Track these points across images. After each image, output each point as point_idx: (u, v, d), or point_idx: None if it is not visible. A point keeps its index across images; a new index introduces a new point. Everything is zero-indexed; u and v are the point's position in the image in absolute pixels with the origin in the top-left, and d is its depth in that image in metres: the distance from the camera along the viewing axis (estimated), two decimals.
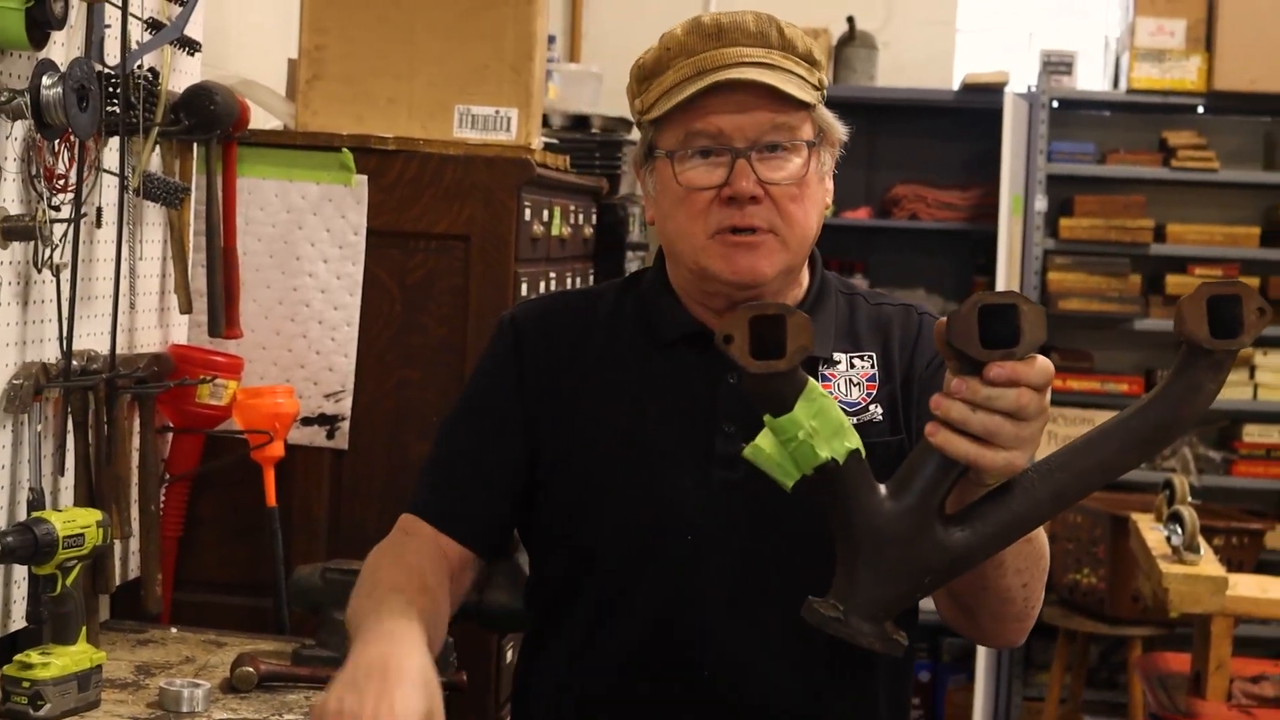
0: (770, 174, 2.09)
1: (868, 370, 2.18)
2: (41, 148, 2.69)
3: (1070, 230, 6.22)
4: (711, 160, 2.09)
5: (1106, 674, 6.37)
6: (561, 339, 2.24)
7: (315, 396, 3.33)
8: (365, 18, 3.39)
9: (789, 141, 2.10)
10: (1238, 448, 6.25)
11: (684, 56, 2.11)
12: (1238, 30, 6.03)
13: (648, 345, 2.20)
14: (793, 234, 2.10)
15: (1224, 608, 3.84)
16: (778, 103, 2.09)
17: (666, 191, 2.14)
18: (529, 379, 2.23)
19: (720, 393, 2.14)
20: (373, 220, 3.30)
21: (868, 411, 2.15)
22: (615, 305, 2.27)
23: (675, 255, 2.18)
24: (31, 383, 2.69)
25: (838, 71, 6.35)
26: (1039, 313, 1.71)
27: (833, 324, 2.21)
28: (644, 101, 2.15)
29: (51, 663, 2.46)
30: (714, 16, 2.14)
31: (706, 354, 2.14)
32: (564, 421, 2.20)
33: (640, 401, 2.17)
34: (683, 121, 2.10)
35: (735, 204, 2.07)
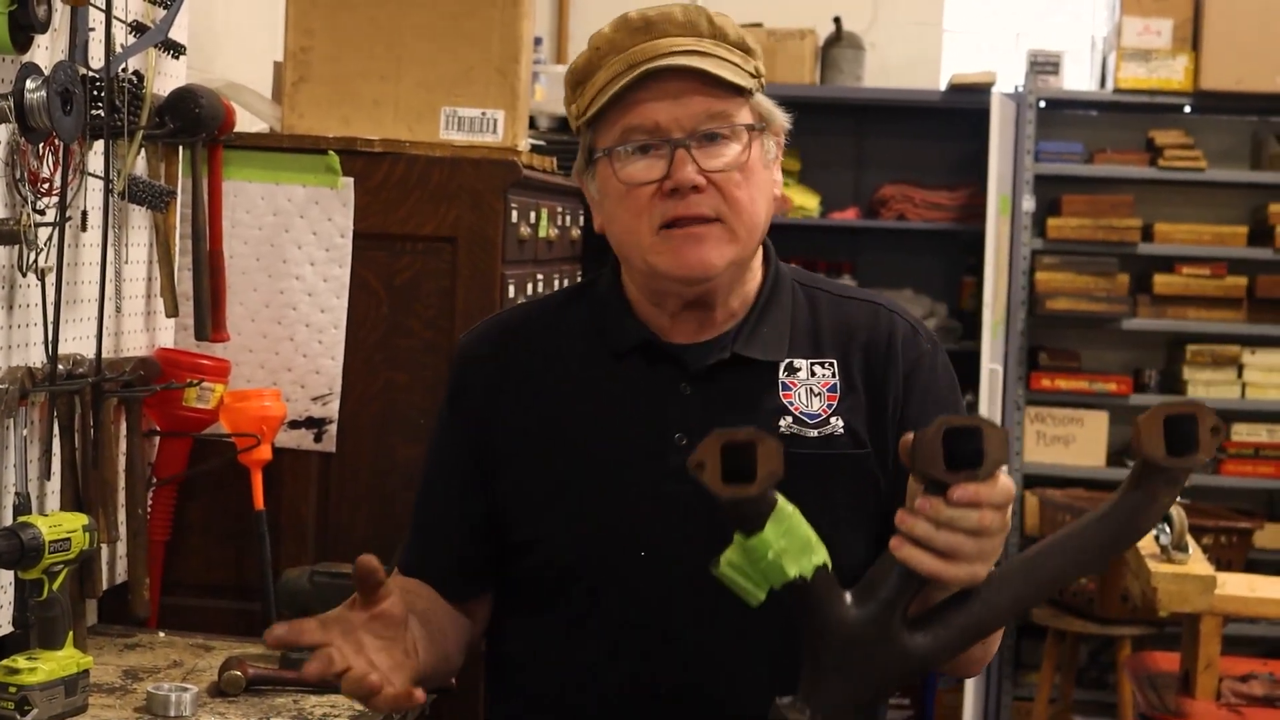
0: (711, 162, 2.05)
1: (829, 379, 2.13)
2: (26, 151, 2.68)
3: (1058, 230, 6.22)
4: (651, 155, 2.05)
5: (1096, 673, 6.38)
6: (511, 361, 2.20)
7: (302, 399, 3.32)
8: (351, 20, 3.38)
9: (727, 128, 2.07)
10: (1226, 447, 6.26)
11: (614, 54, 2.07)
12: (1224, 30, 6.04)
13: (600, 356, 2.16)
14: (740, 221, 2.07)
15: (1213, 607, 3.84)
16: (712, 89, 2.06)
17: (609, 192, 2.10)
18: (477, 416, 2.19)
19: (672, 404, 2.11)
20: (359, 223, 3.30)
21: (828, 424, 2.11)
22: (565, 315, 2.23)
23: (625, 258, 2.14)
24: (17, 387, 2.69)
25: (825, 72, 6.35)
26: (1001, 435, 1.76)
27: (789, 324, 2.17)
28: (579, 105, 2.11)
29: (38, 668, 2.45)
30: (641, 11, 2.09)
31: (658, 364, 2.13)
32: (518, 437, 2.16)
33: (592, 414, 2.13)
34: (618, 118, 2.07)
35: (678, 195, 2.04)
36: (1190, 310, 6.24)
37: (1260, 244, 6.22)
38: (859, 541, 2.13)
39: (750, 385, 2.12)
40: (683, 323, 2.13)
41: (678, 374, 2.12)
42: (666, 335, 2.14)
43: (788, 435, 2.09)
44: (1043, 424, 6.26)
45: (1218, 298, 6.22)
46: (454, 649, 2.17)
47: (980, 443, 1.75)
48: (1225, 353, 6.24)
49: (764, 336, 2.14)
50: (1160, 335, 6.43)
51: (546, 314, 2.25)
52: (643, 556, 2.08)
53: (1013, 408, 6.09)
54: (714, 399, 2.11)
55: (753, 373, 2.12)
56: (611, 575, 2.10)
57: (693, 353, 2.13)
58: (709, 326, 2.14)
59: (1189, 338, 6.29)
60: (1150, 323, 6.26)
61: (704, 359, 2.12)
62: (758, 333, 2.14)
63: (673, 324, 2.14)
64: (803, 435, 2.10)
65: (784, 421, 2.10)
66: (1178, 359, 6.32)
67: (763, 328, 2.14)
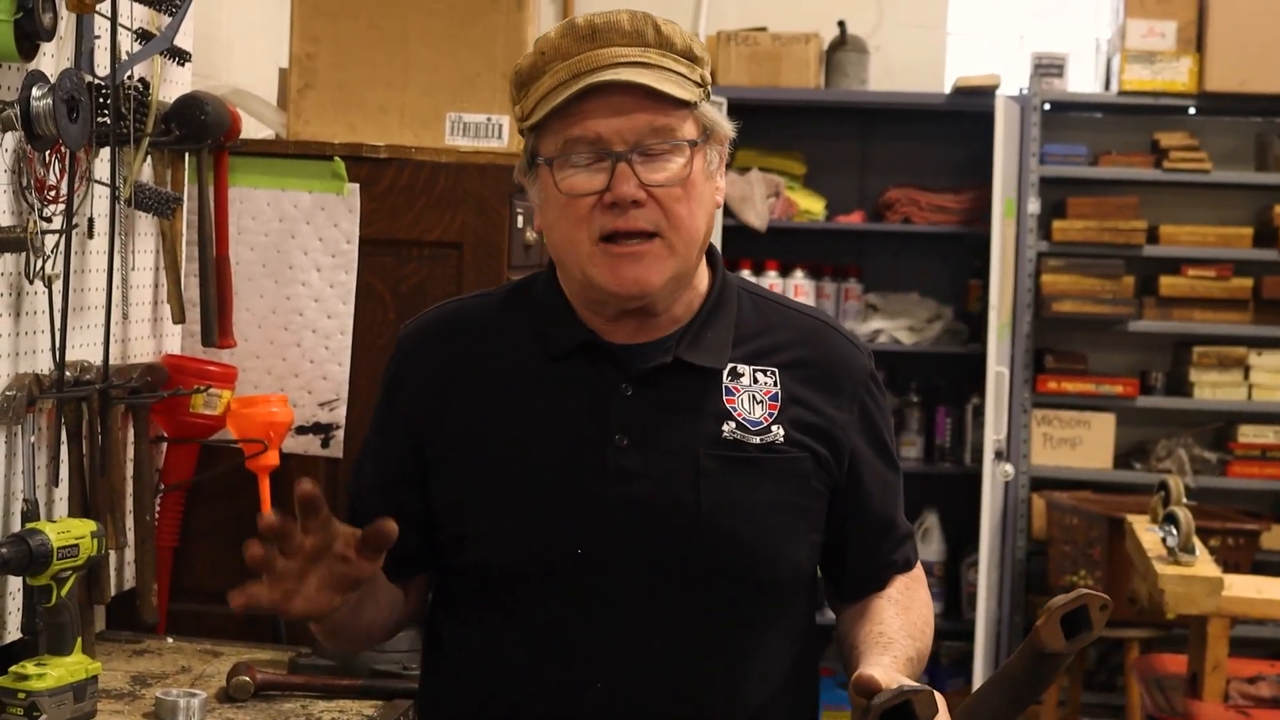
0: (652, 176, 2.05)
1: (770, 388, 2.14)
2: (32, 159, 2.69)
3: (1063, 232, 6.22)
4: (592, 166, 2.05)
5: (1104, 676, 6.37)
6: (452, 354, 2.20)
7: (309, 405, 3.32)
8: (356, 26, 3.39)
9: (670, 142, 2.06)
10: (1233, 448, 6.26)
11: (559, 60, 2.07)
12: (1228, 31, 6.04)
13: (540, 355, 2.15)
14: (679, 237, 2.06)
15: (1220, 608, 3.84)
16: (656, 103, 2.05)
17: (550, 200, 2.09)
18: (412, 406, 2.20)
19: (613, 404, 2.11)
20: (365, 229, 3.30)
21: (770, 432, 2.12)
22: (506, 313, 2.22)
23: (563, 264, 2.14)
24: (25, 394, 2.69)
25: (830, 76, 6.35)
26: (930, 699, 1.88)
27: (732, 332, 2.17)
28: (523, 108, 2.11)
29: (47, 674, 2.46)
30: (588, 17, 2.08)
31: (600, 365, 2.13)
32: (454, 435, 2.16)
33: (530, 413, 2.13)
34: (561, 128, 2.06)
35: (618, 209, 2.04)
36: (1196, 312, 6.24)
37: (1266, 245, 6.22)
38: (799, 548, 2.16)
39: (693, 389, 2.13)
40: (622, 325, 2.14)
41: (619, 374, 2.12)
42: (607, 336, 2.14)
43: (730, 440, 2.10)
44: (1049, 426, 6.26)
45: (1223, 299, 6.22)
46: (385, 616, 2.17)
47: (913, 712, 1.87)
48: (1231, 354, 6.23)
49: (708, 342, 2.14)
50: (1166, 337, 6.42)
51: (488, 311, 2.24)
52: (580, 554, 2.08)
53: (1019, 410, 6.09)
54: (656, 401, 2.11)
55: (696, 378, 2.13)
56: (547, 572, 2.10)
57: (634, 354, 2.13)
58: (650, 329, 2.14)
59: (1195, 339, 6.28)
60: (1156, 324, 6.25)
61: (646, 361, 2.12)
62: (701, 338, 2.14)
63: (611, 326, 2.14)
64: (745, 441, 2.11)
65: (727, 427, 2.11)
66: (1184, 361, 6.31)
67: (707, 333, 2.15)
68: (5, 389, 2.69)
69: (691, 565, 2.08)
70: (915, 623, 2.19)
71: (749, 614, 2.12)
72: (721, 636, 2.09)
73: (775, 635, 2.15)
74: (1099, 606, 2.02)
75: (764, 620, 2.13)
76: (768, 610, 2.14)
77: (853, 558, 2.23)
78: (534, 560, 2.10)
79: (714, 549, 2.07)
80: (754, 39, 6.27)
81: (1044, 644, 2.03)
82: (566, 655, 2.09)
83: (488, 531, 2.12)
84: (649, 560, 2.06)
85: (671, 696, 2.09)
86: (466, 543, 2.14)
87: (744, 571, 2.09)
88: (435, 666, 2.24)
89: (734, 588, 2.10)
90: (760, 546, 2.11)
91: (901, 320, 6.47)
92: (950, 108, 6.31)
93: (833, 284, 6.50)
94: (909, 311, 6.52)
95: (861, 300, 6.53)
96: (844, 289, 6.51)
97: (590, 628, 2.08)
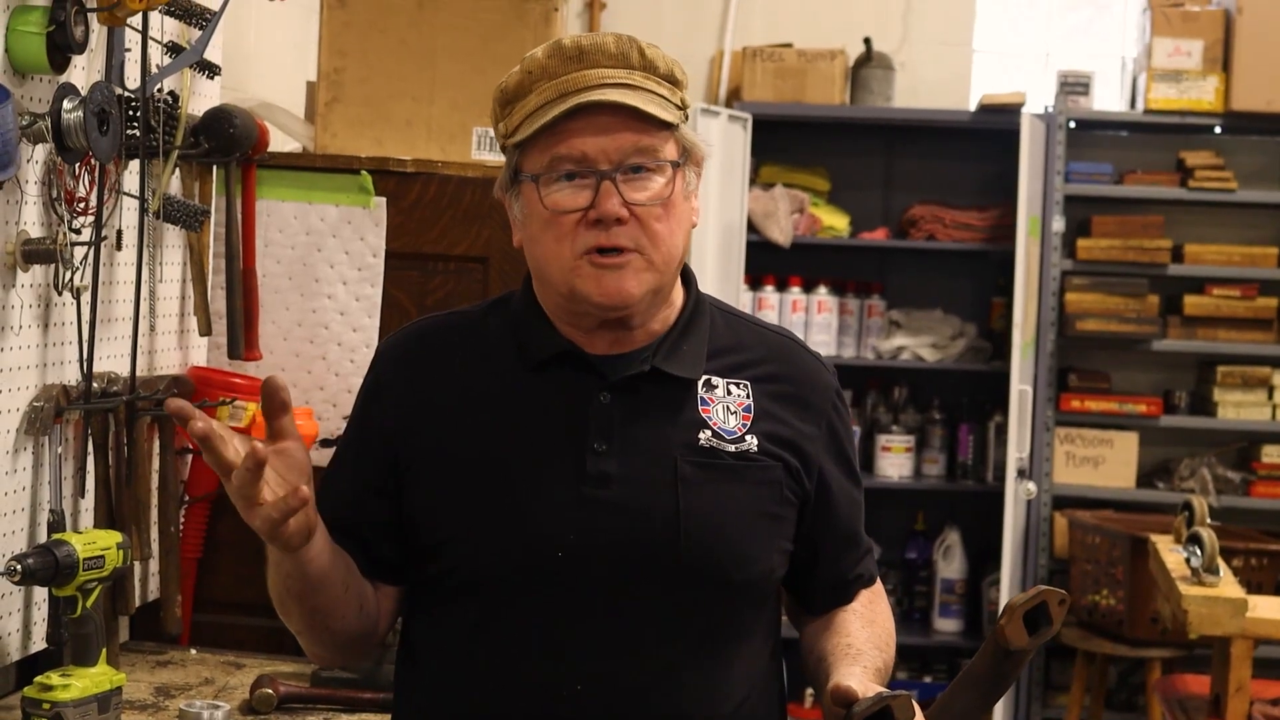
0: (635, 194, 2.09)
1: (743, 400, 2.19)
2: (62, 171, 2.70)
3: (1088, 251, 6.22)
4: (576, 183, 2.09)
5: (1126, 696, 6.36)
6: (430, 365, 2.23)
7: (334, 418, 3.33)
8: (384, 41, 3.40)
9: (653, 162, 2.11)
10: (1256, 469, 6.24)
11: (545, 79, 2.11)
12: (1255, 51, 6.03)
13: (518, 367, 2.19)
14: (658, 254, 2.11)
15: (1244, 629, 3.83)
16: (641, 124, 2.10)
17: (533, 215, 2.14)
18: (389, 413, 2.22)
19: (591, 411, 2.14)
20: (391, 242, 3.32)
21: (744, 441, 2.16)
22: (483, 327, 2.26)
23: (544, 278, 2.17)
24: (52, 405, 2.71)
25: (855, 93, 6.36)
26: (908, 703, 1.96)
27: (706, 346, 2.22)
28: (507, 125, 2.14)
29: (72, 684, 2.47)
30: (575, 39, 2.13)
31: (579, 374, 2.16)
32: (431, 446, 2.18)
33: (509, 422, 2.16)
34: (547, 145, 2.10)
35: (601, 225, 2.08)
36: (1220, 331, 6.22)
37: None
38: (773, 554, 2.20)
39: (670, 398, 2.17)
40: (599, 338, 2.17)
41: (597, 383, 2.15)
42: (586, 348, 2.17)
43: (706, 448, 2.14)
44: (1072, 445, 6.25)
45: (1248, 319, 6.20)
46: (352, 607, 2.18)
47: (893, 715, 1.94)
48: (1256, 374, 6.22)
49: (683, 354, 2.19)
50: (1190, 356, 6.41)
51: (466, 324, 2.28)
52: (559, 557, 2.10)
53: (1042, 429, 6.08)
54: (633, 409, 2.15)
55: (672, 388, 2.17)
56: (526, 575, 2.12)
57: (612, 363, 2.17)
58: (626, 342, 2.18)
59: (1219, 359, 6.27)
60: (1180, 344, 6.24)
61: (623, 370, 2.16)
62: (677, 350, 2.19)
63: (589, 338, 2.17)
64: (720, 448, 2.15)
65: (703, 435, 2.15)
66: (1208, 380, 6.30)
67: (682, 345, 2.19)
68: (33, 400, 2.70)
69: (669, 568, 2.11)
70: (880, 635, 2.26)
71: (725, 616, 2.15)
72: (698, 638, 2.13)
73: (749, 637, 2.19)
74: (1057, 601, 2.08)
75: (739, 622, 2.17)
76: (743, 612, 2.18)
77: (821, 570, 2.28)
78: (513, 563, 2.12)
79: (691, 552, 2.10)
80: (779, 55, 6.28)
81: (1008, 641, 2.08)
82: (545, 658, 2.11)
83: (466, 536, 2.14)
84: (627, 563, 2.10)
85: (650, 698, 2.11)
86: (444, 547, 2.16)
87: (720, 574, 2.12)
88: (411, 673, 2.26)
89: (710, 590, 2.13)
90: (737, 550, 2.14)
91: (925, 337, 6.47)
92: (975, 125, 6.31)
93: (856, 300, 6.50)
94: (932, 329, 6.52)
95: (885, 317, 6.53)
96: (867, 305, 6.51)
97: (568, 630, 2.11)
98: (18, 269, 2.64)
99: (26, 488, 2.72)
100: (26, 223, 2.65)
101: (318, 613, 2.15)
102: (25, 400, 2.69)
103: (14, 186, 2.60)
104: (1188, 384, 6.44)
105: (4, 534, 2.66)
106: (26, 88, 2.64)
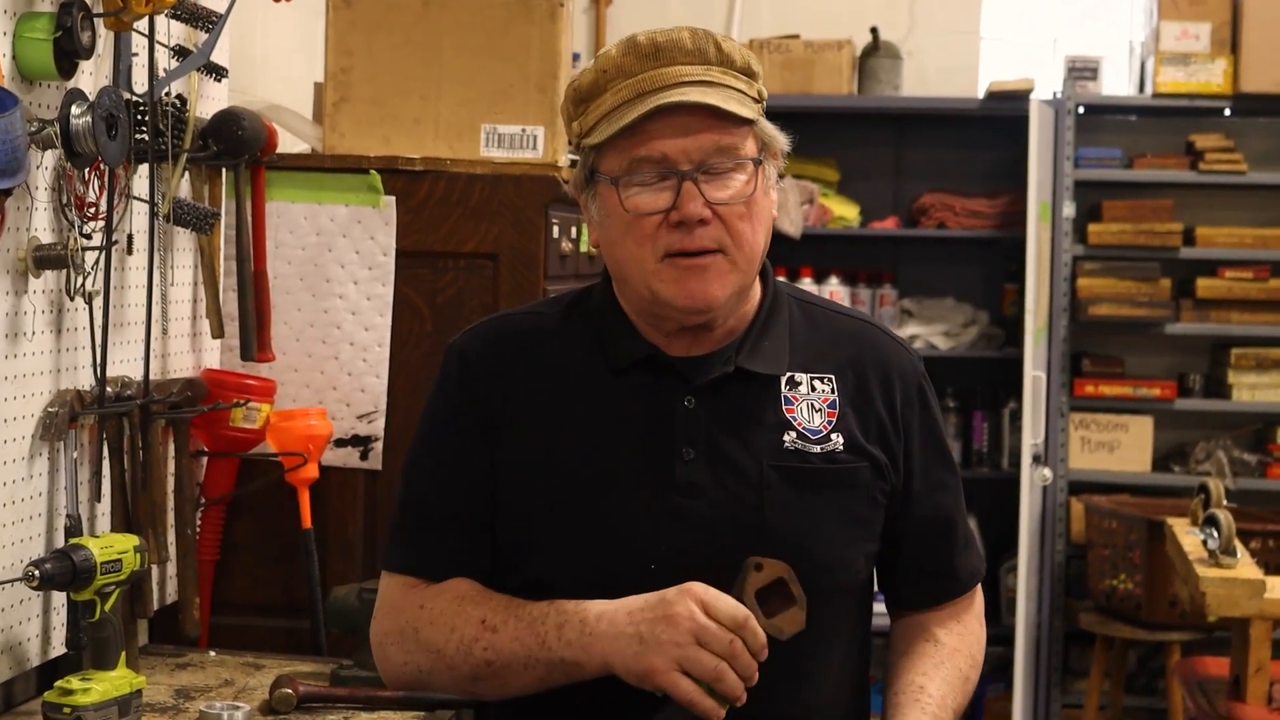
0: (717, 194, 2.05)
1: (828, 395, 2.16)
2: (72, 176, 2.71)
3: (1099, 235, 6.21)
4: (657, 184, 2.06)
5: (1145, 680, 6.35)
6: (511, 366, 2.19)
7: (348, 418, 3.34)
8: (390, 40, 3.40)
9: (734, 160, 2.07)
10: (1272, 450, 6.23)
11: (621, 78, 2.06)
12: (1263, 32, 6.01)
13: (601, 369, 2.16)
14: (741, 254, 2.08)
15: (1262, 610, 3.82)
16: (721, 122, 2.06)
17: (612, 217, 2.10)
18: (482, 408, 2.18)
19: (677, 417, 2.12)
20: (401, 241, 3.32)
21: (830, 440, 2.13)
22: (564, 327, 2.22)
23: (625, 280, 2.14)
24: (66, 410, 2.71)
25: (863, 82, 6.35)
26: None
27: (788, 340, 2.19)
28: (582, 125, 2.10)
29: (92, 688, 2.48)
30: (650, 35, 2.09)
31: (661, 377, 2.13)
32: (516, 450, 2.15)
33: (596, 428, 2.13)
34: (625, 147, 2.06)
35: (684, 228, 2.04)
36: (1233, 313, 6.21)
37: None
38: (859, 558, 2.17)
39: (754, 399, 2.14)
40: (679, 339, 2.15)
41: (681, 387, 2.13)
42: (666, 349, 2.15)
43: (791, 450, 2.12)
44: (1087, 430, 6.24)
45: (1261, 300, 6.19)
46: None
47: None
48: (1270, 355, 6.20)
49: (765, 351, 2.16)
50: (1204, 339, 6.40)
51: (543, 324, 2.24)
52: (652, 570, 2.08)
53: (1056, 414, 6.07)
54: (718, 413, 2.12)
55: (755, 387, 2.14)
56: (620, 586, 2.08)
57: (695, 366, 2.14)
58: (707, 342, 2.15)
59: (1233, 341, 6.26)
60: (1193, 327, 6.23)
61: (707, 372, 2.13)
62: (759, 347, 2.16)
63: (670, 340, 2.15)
64: (807, 451, 2.13)
65: (788, 437, 2.13)
66: (1222, 362, 6.29)
67: (764, 342, 2.16)
68: (47, 405, 2.71)
69: None
70: (953, 677, 2.21)
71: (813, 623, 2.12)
72: (788, 646, 2.09)
73: (836, 643, 2.17)
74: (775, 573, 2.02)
75: (827, 628, 2.14)
76: (830, 619, 2.14)
77: (906, 561, 2.24)
78: (607, 574, 2.09)
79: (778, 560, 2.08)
80: (787, 46, 6.27)
81: (780, 632, 2.01)
82: None
83: (556, 545, 2.12)
84: (717, 573, 2.06)
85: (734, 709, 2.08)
86: (533, 555, 2.14)
87: (806, 581, 2.09)
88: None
89: None
90: (822, 557, 2.11)
91: (937, 325, 6.46)
92: (984, 112, 6.30)
93: (867, 290, 6.50)
94: (944, 317, 6.51)
95: (896, 306, 6.53)
96: (879, 295, 6.50)
97: None
98: (29, 275, 2.64)
99: (43, 493, 2.72)
100: (37, 229, 2.66)
101: None
102: (39, 406, 2.70)
103: (24, 193, 2.60)
104: (1201, 367, 6.42)
105: (21, 539, 2.67)
106: (35, 94, 2.64)
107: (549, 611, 2.04)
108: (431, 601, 2.14)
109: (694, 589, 1.97)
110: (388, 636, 2.17)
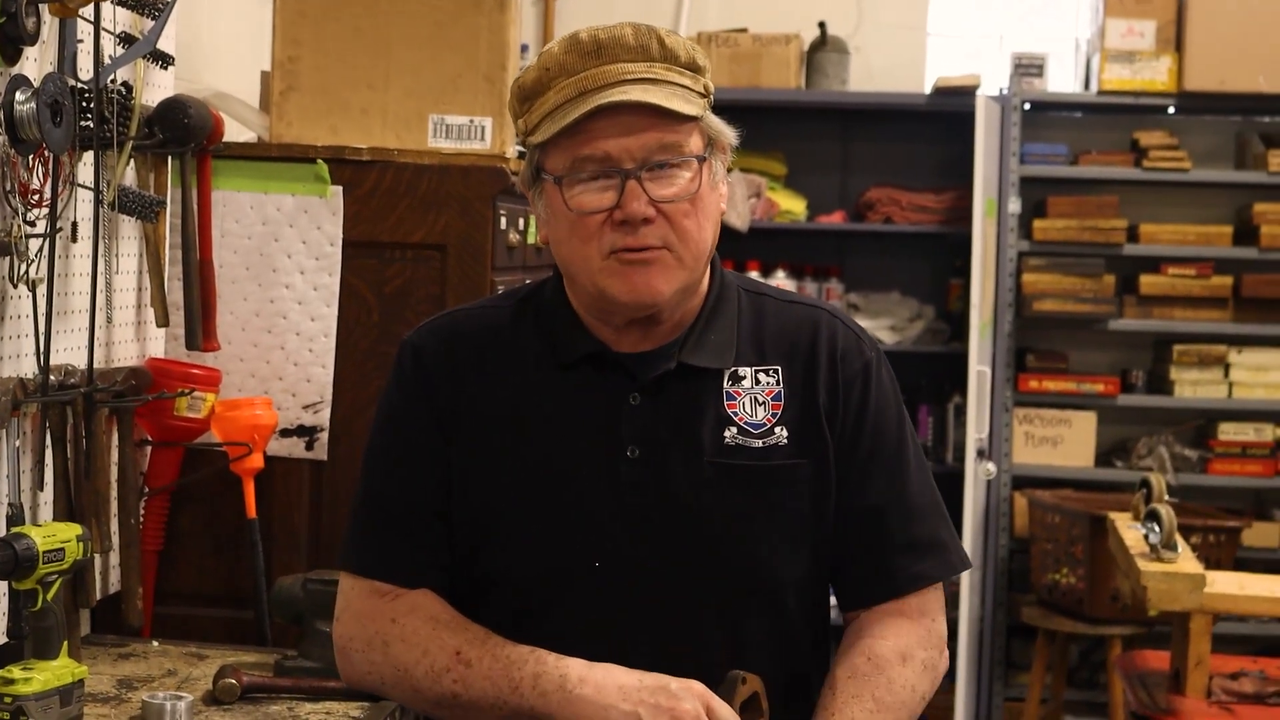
0: (661, 191, 2.05)
1: (773, 387, 2.15)
2: (15, 163, 2.69)
3: (1044, 231, 6.24)
4: (600, 183, 2.05)
5: (1087, 673, 6.39)
6: (466, 363, 2.19)
7: (294, 408, 3.33)
8: (338, 29, 3.39)
9: (678, 158, 2.06)
10: (1214, 446, 6.28)
11: (564, 76, 2.06)
12: (1207, 31, 6.05)
13: (549, 364, 2.16)
14: (688, 250, 2.08)
15: (1202, 605, 3.85)
16: (663, 119, 2.05)
17: (558, 215, 2.10)
18: (437, 405, 2.18)
19: (623, 414, 2.12)
20: (349, 231, 3.31)
21: (773, 434, 2.13)
22: (516, 323, 2.22)
23: (572, 277, 2.14)
24: (9, 398, 2.69)
25: (810, 76, 6.37)
26: None
27: (734, 331, 2.18)
28: (527, 123, 2.10)
29: (33, 678, 2.46)
30: (592, 32, 2.08)
31: (608, 374, 2.14)
32: (470, 447, 2.16)
33: (546, 426, 2.14)
34: (569, 146, 2.06)
35: (628, 225, 2.04)
36: (1176, 310, 6.26)
37: (1245, 243, 6.24)
38: (800, 555, 2.17)
39: (696, 395, 2.14)
40: (627, 334, 2.15)
41: (627, 384, 2.14)
42: (614, 345, 2.15)
43: (732, 446, 2.12)
44: (1031, 425, 6.28)
45: (1204, 297, 6.24)
46: None
47: None
48: (1212, 352, 6.25)
49: (710, 345, 2.16)
50: (1147, 335, 6.44)
51: (496, 320, 2.24)
52: (597, 567, 2.09)
53: (1001, 409, 6.10)
54: (662, 410, 2.13)
55: (699, 382, 2.14)
56: (565, 583, 2.11)
57: (641, 362, 2.14)
58: (655, 336, 2.15)
59: (1175, 338, 6.30)
60: (1137, 323, 6.27)
61: (652, 369, 2.13)
62: (704, 341, 2.16)
63: (618, 335, 2.15)
64: (747, 446, 2.13)
65: (729, 433, 2.13)
66: (1165, 359, 6.33)
67: (709, 335, 2.16)
68: None
69: (700, 575, 2.10)
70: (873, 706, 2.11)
71: (759, 621, 2.13)
72: (735, 642, 2.10)
73: (785, 641, 2.18)
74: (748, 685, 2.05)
75: (774, 626, 2.15)
76: (777, 617, 2.16)
77: (840, 553, 2.21)
78: (553, 571, 2.11)
79: (717, 557, 2.09)
80: (734, 40, 6.28)
81: None
82: None
83: (506, 542, 2.13)
84: (659, 571, 2.08)
85: None
86: (482, 552, 2.15)
87: (750, 579, 2.10)
88: None
89: (742, 596, 2.12)
90: (766, 554, 2.12)
91: (883, 320, 6.48)
92: (931, 108, 6.33)
93: (814, 284, 6.51)
94: (890, 311, 6.54)
95: (843, 300, 6.55)
96: (825, 289, 6.52)
97: (605, 637, 2.09)
98: None
99: None
100: None
101: None
102: None
103: None
104: (1144, 363, 6.47)
105: None
106: None
107: (528, 658, 2.04)
108: (404, 619, 2.13)
109: (697, 690, 1.97)
110: (353, 642, 2.17)
